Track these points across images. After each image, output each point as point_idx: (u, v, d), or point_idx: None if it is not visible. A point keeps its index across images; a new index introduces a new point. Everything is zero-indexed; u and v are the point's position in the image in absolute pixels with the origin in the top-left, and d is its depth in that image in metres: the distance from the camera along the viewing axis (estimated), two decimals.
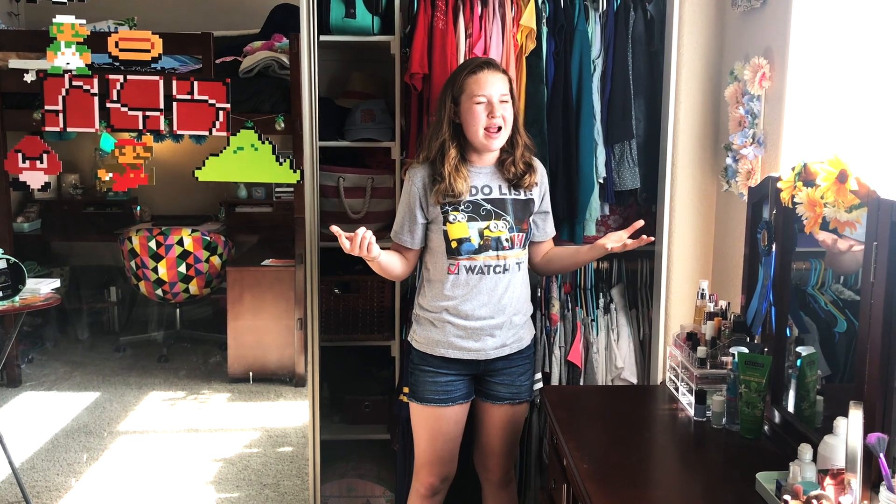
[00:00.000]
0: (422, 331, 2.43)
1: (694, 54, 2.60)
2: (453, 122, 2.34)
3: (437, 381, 2.40)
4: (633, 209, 2.92)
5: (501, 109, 2.29)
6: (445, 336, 2.37)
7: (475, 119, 2.29)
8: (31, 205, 6.09)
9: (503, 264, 2.35)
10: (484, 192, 2.35)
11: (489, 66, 2.32)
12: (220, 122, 2.75)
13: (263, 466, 3.78)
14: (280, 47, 4.45)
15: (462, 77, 2.31)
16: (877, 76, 1.95)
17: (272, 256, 5.13)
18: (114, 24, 4.90)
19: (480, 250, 2.33)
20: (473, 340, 2.37)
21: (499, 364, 2.42)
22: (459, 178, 2.30)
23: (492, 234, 2.33)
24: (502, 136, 2.32)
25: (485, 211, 2.34)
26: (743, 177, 2.32)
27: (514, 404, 2.47)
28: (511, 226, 2.35)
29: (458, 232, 2.32)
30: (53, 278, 3.78)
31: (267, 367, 4.98)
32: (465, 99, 2.30)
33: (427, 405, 2.41)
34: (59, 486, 3.55)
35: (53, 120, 2.71)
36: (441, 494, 2.52)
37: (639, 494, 1.75)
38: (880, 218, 1.54)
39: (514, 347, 2.43)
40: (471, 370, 2.42)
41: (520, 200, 2.38)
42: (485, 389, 2.47)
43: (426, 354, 2.41)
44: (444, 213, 2.32)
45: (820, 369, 1.93)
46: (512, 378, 2.45)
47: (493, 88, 2.28)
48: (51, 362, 5.32)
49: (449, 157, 2.31)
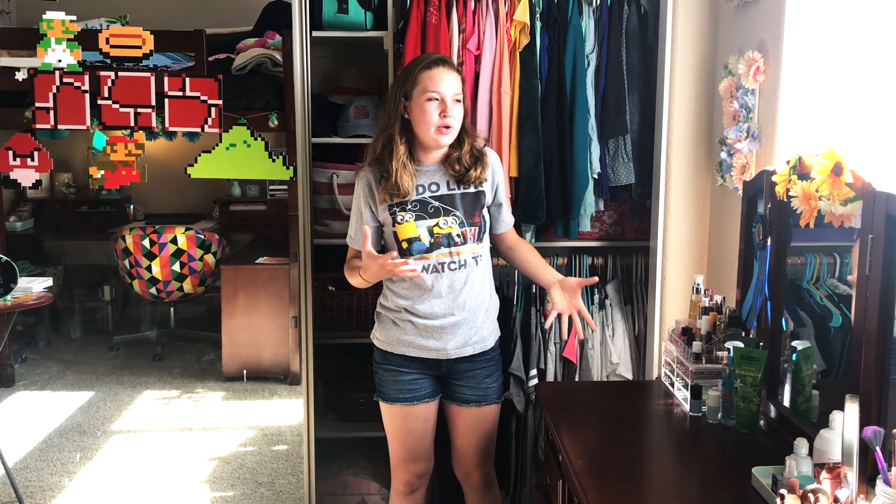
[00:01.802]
0: (383, 329, 2.40)
1: (688, 48, 2.59)
2: (402, 118, 2.29)
3: (401, 380, 2.38)
4: (628, 204, 2.91)
5: (453, 109, 2.24)
6: (406, 334, 2.34)
7: (426, 116, 2.23)
8: (24, 203, 6.08)
9: (458, 260, 2.31)
10: (431, 189, 2.31)
11: (444, 63, 2.27)
12: (213, 119, 2.74)
13: (258, 465, 3.77)
14: (273, 44, 4.44)
15: (416, 72, 2.26)
16: (871, 69, 1.94)
17: (266, 254, 5.12)
18: (105, 22, 4.88)
19: (432, 248, 2.29)
20: (434, 339, 2.33)
21: (462, 366, 2.38)
22: (406, 176, 2.26)
23: (441, 230, 2.29)
24: (451, 135, 2.27)
25: (433, 208, 2.30)
26: (737, 171, 2.31)
27: (480, 406, 2.42)
28: (461, 220, 2.31)
29: (407, 232, 2.29)
30: (46, 277, 3.76)
31: (261, 366, 4.97)
32: (418, 94, 2.25)
33: (394, 404, 2.39)
34: (52, 486, 3.54)
35: (44, 117, 2.70)
36: (421, 490, 2.51)
37: (634, 490, 1.74)
38: (875, 210, 1.53)
39: (477, 348, 2.38)
40: (433, 370, 2.39)
41: (469, 194, 2.33)
42: (450, 391, 2.43)
43: (387, 353, 2.39)
44: (393, 213, 2.29)
45: (815, 364, 1.93)
46: (477, 381, 2.40)
47: (446, 86, 2.24)
48: (44, 361, 5.30)
49: (397, 153, 2.26)
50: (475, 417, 2.43)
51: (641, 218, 2.91)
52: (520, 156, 2.72)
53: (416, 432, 2.42)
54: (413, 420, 2.40)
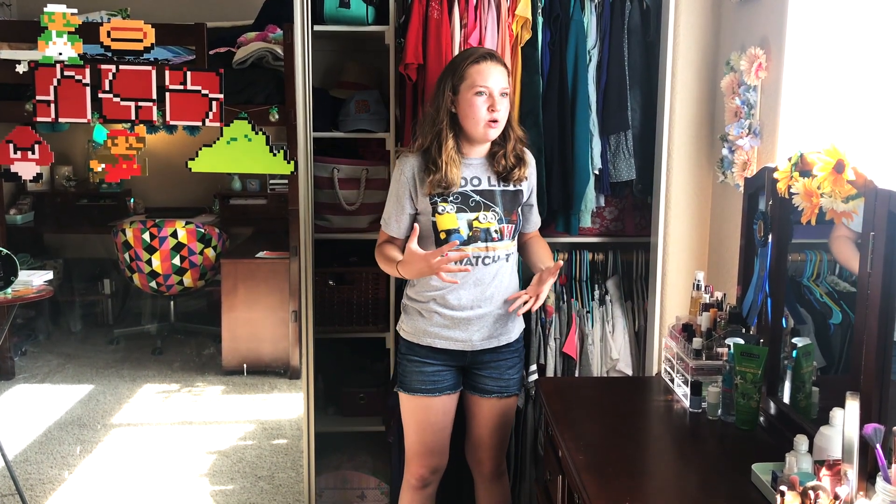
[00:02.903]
0: (409, 320, 2.43)
1: (690, 44, 2.59)
2: (450, 112, 2.32)
3: (425, 371, 2.40)
4: (629, 200, 2.91)
5: (501, 104, 2.27)
6: (432, 326, 2.37)
7: (475, 111, 2.26)
8: (24, 197, 6.06)
9: (492, 255, 2.34)
10: (473, 183, 2.34)
11: (492, 58, 2.30)
12: (214, 113, 2.73)
13: (258, 459, 3.77)
14: (274, 38, 4.42)
15: (464, 66, 2.28)
16: (874, 66, 1.94)
17: (266, 248, 5.11)
18: (106, 15, 4.87)
19: (469, 241, 2.32)
20: (460, 331, 2.36)
21: (486, 357, 2.42)
22: (455, 168, 2.29)
23: (481, 225, 2.32)
24: (499, 128, 2.31)
25: (474, 202, 2.33)
26: (739, 167, 2.31)
27: (502, 398, 2.46)
28: (500, 217, 2.34)
29: (447, 223, 2.31)
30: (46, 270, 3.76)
31: (261, 360, 4.97)
32: (466, 89, 2.27)
33: (415, 395, 2.41)
34: (52, 479, 3.54)
35: (45, 110, 2.69)
36: (433, 486, 2.52)
37: (634, 486, 1.74)
38: (877, 208, 1.53)
39: (502, 340, 2.42)
40: (457, 361, 2.42)
41: (509, 192, 2.37)
42: (472, 382, 2.46)
43: (413, 344, 2.42)
44: (434, 203, 2.31)
45: (815, 360, 1.93)
46: (500, 371, 2.44)
47: (494, 81, 2.26)
48: (44, 355, 5.30)
49: (446, 146, 2.29)
50: (495, 408, 2.46)
51: (642, 214, 2.91)
52: None
53: (434, 425, 2.43)
54: (433, 412, 2.42)
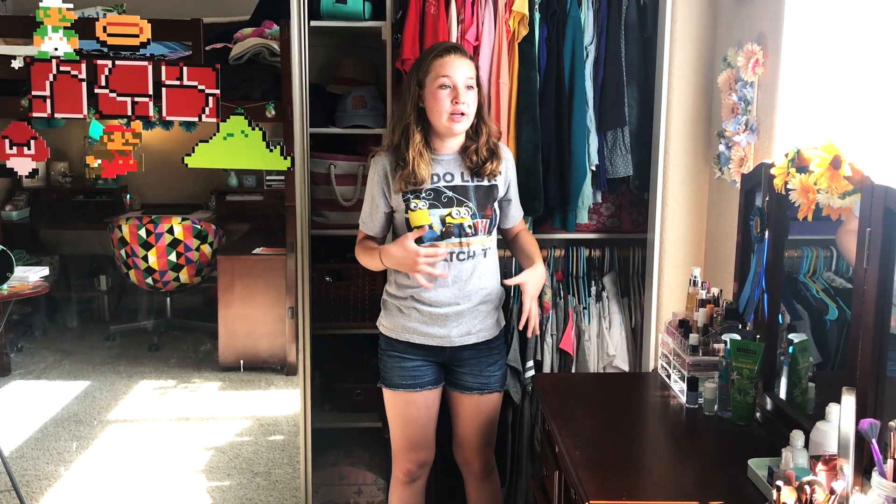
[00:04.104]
0: (388, 316, 2.43)
1: (687, 41, 2.59)
2: (418, 107, 2.32)
3: (405, 367, 2.40)
4: (626, 197, 2.91)
5: (466, 96, 2.26)
6: (411, 321, 2.37)
7: (439, 104, 2.26)
8: (20, 193, 6.05)
9: (467, 251, 2.34)
10: (446, 179, 2.34)
11: (456, 51, 2.30)
12: (210, 109, 2.73)
13: (255, 455, 3.77)
14: (271, 34, 4.41)
15: (428, 60, 2.29)
16: (870, 62, 1.94)
17: (263, 245, 5.11)
18: (102, 10, 4.85)
19: (443, 237, 2.31)
20: (439, 327, 2.36)
21: (465, 353, 2.41)
22: (423, 164, 2.29)
23: (454, 220, 2.32)
24: (465, 122, 2.30)
25: (446, 198, 2.32)
26: (736, 164, 2.31)
27: (483, 394, 2.44)
28: (474, 212, 2.33)
29: (419, 219, 2.31)
30: (42, 266, 3.75)
31: (258, 356, 4.97)
32: (430, 82, 2.27)
33: (397, 390, 2.42)
34: (48, 475, 3.54)
35: (41, 106, 2.68)
36: (421, 480, 2.52)
37: (631, 481, 1.74)
38: (874, 204, 1.53)
39: (481, 336, 2.41)
40: (437, 357, 2.41)
41: (482, 187, 2.36)
42: (453, 379, 2.46)
43: (392, 339, 2.42)
44: (406, 200, 2.31)
45: (811, 356, 1.93)
46: (480, 368, 2.43)
47: (458, 73, 2.26)
48: (40, 351, 5.29)
49: (413, 141, 2.29)
50: (477, 405, 2.45)
51: (639, 210, 2.91)
52: (518, 147, 2.72)
53: (418, 419, 2.43)
54: (416, 407, 2.42)
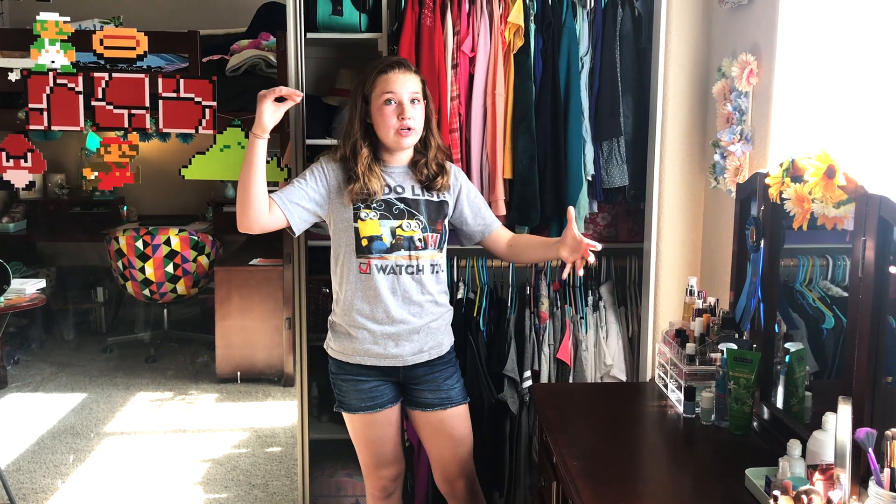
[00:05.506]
0: (337, 339, 2.37)
1: (681, 51, 2.60)
2: (365, 122, 2.31)
3: (361, 389, 2.35)
4: (622, 206, 2.92)
5: (412, 110, 2.25)
6: (361, 343, 2.32)
7: (385, 119, 2.25)
8: (17, 205, 6.06)
9: (416, 265, 2.30)
10: (397, 191, 2.32)
11: (400, 66, 2.28)
12: (207, 121, 2.74)
13: (252, 467, 3.76)
14: (267, 45, 4.44)
15: (373, 76, 2.28)
16: (864, 71, 1.95)
17: (260, 256, 5.11)
18: (99, 23, 4.87)
19: (392, 249, 2.28)
20: (393, 344, 2.31)
21: (419, 371, 2.37)
22: (373, 178, 2.27)
23: (404, 233, 2.29)
24: (413, 136, 2.29)
25: (398, 210, 2.30)
26: (731, 173, 2.32)
27: (445, 408, 2.38)
28: (424, 226, 2.31)
29: (369, 230, 2.28)
30: (39, 279, 3.75)
31: (255, 367, 4.96)
32: (376, 98, 2.26)
33: (357, 413, 2.37)
34: (45, 488, 3.52)
35: (38, 118, 2.69)
36: (397, 493, 2.50)
37: (629, 491, 1.74)
38: (868, 213, 1.54)
39: (434, 353, 2.37)
40: (391, 376, 2.37)
41: (433, 202, 2.34)
42: (412, 398, 2.41)
43: (343, 363, 2.36)
44: (357, 209, 2.28)
45: (808, 365, 1.93)
46: (437, 384, 2.38)
47: (403, 88, 2.24)
48: (37, 363, 5.29)
49: (361, 156, 2.27)
50: (442, 422, 2.39)
51: (635, 220, 2.92)
52: (514, 157, 2.73)
53: (382, 438, 2.40)
54: (378, 426, 2.39)
